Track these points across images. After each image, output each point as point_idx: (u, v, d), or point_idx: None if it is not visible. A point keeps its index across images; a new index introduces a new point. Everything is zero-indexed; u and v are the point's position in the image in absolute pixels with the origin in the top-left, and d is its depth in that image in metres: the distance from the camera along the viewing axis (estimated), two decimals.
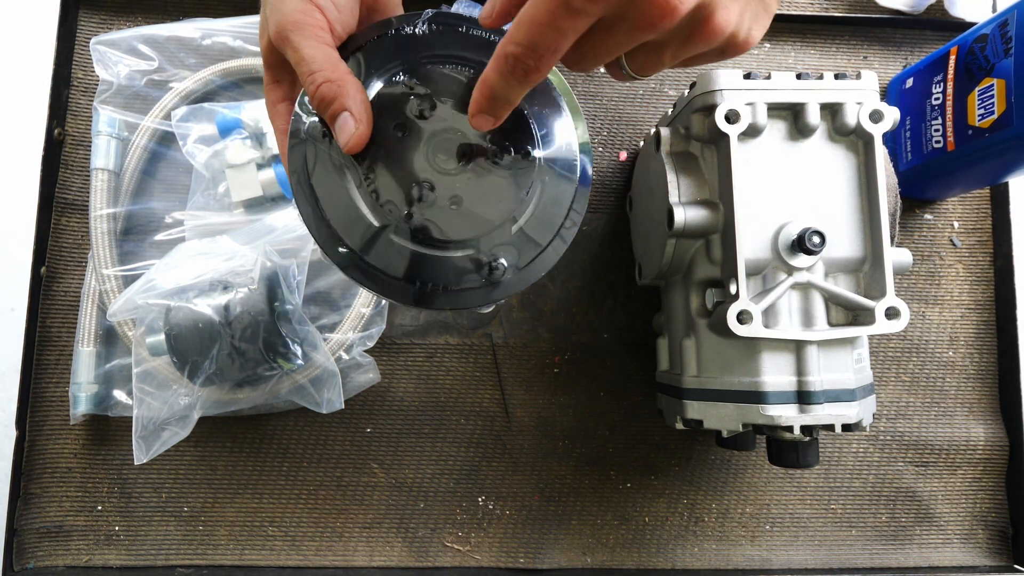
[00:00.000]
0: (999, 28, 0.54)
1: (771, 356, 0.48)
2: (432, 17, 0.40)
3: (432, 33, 0.40)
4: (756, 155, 0.49)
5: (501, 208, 0.39)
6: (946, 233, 0.67)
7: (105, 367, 0.59)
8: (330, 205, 0.37)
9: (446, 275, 0.38)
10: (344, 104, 0.35)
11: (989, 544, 0.64)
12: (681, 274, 0.54)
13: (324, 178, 0.37)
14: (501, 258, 0.39)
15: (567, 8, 0.28)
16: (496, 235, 0.39)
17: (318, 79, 0.35)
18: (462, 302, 0.39)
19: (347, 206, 0.37)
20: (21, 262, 0.61)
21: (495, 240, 0.39)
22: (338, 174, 0.37)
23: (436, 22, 0.40)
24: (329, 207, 0.37)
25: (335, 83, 0.35)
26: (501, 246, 0.39)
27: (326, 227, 0.38)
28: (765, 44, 0.68)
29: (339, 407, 0.58)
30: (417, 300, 0.39)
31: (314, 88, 0.35)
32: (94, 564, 0.59)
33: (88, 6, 0.65)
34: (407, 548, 0.61)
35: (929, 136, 0.60)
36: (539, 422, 0.63)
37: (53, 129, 0.62)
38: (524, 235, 0.39)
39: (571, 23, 0.29)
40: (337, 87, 0.35)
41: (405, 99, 0.38)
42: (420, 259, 0.38)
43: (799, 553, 0.62)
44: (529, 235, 0.39)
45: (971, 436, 0.64)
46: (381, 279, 0.38)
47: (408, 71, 0.39)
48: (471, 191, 0.39)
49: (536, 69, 0.31)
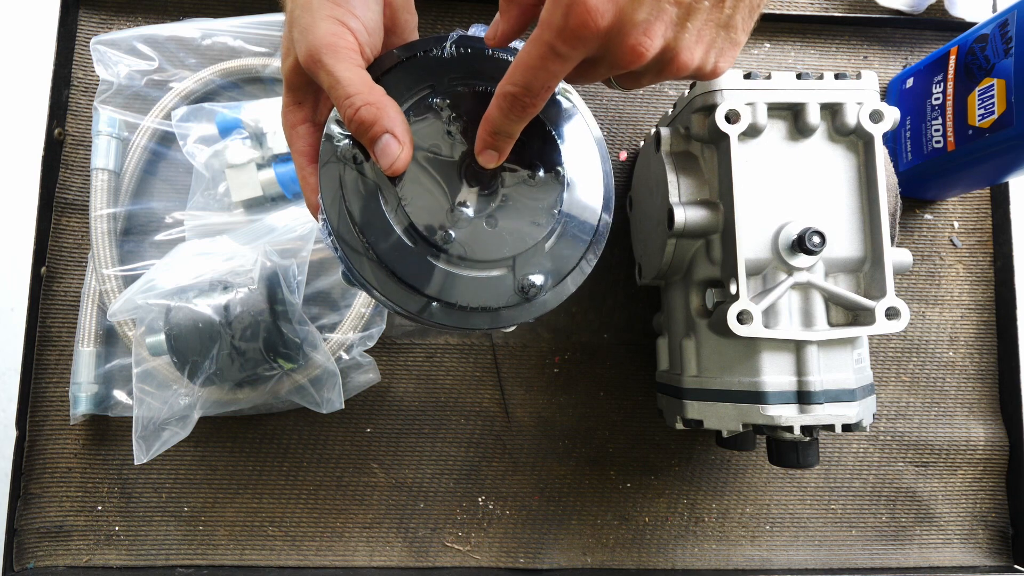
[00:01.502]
0: (999, 28, 0.54)
1: (771, 356, 0.48)
2: (458, 40, 0.41)
3: (459, 56, 0.40)
4: (756, 155, 0.49)
5: (534, 226, 0.39)
6: (946, 233, 0.67)
7: (105, 367, 0.59)
8: (364, 222, 0.37)
9: (484, 295, 0.38)
10: (385, 126, 0.36)
11: (989, 544, 0.64)
12: (681, 274, 0.54)
13: (358, 201, 0.37)
14: (536, 276, 0.39)
15: (554, 54, 0.32)
16: (531, 253, 0.39)
17: (356, 102, 0.35)
18: (500, 321, 0.39)
19: (384, 228, 0.37)
20: (21, 262, 0.61)
21: (529, 258, 0.39)
22: (372, 198, 0.37)
23: (462, 45, 0.41)
24: (362, 223, 0.37)
25: (374, 106, 0.35)
26: (535, 264, 0.39)
27: (358, 243, 0.37)
28: (765, 44, 0.68)
29: (339, 407, 0.58)
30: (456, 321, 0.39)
31: (353, 111, 0.35)
32: (94, 564, 0.59)
33: (88, 6, 0.65)
34: (407, 548, 0.61)
35: (929, 136, 0.60)
36: (539, 422, 0.63)
37: (53, 129, 0.62)
38: (556, 252, 0.40)
39: (559, 66, 0.33)
40: (376, 110, 0.35)
41: (438, 121, 0.39)
42: (454, 279, 0.38)
43: (799, 553, 0.62)
44: (561, 252, 0.40)
45: (971, 436, 0.64)
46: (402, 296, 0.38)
47: (440, 93, 0.39)
48: (505, 210, 0.39)
49: (532, 105, 0.35)
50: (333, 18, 0.37)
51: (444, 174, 0.38)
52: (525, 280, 0.39)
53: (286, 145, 0.58)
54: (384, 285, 0.37)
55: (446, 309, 0.38)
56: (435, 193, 0.38)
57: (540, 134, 0.40)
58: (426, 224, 0.37)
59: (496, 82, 0.36)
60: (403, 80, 0.39)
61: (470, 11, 0.66)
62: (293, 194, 0.59)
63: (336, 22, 0.37)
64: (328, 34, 0.36)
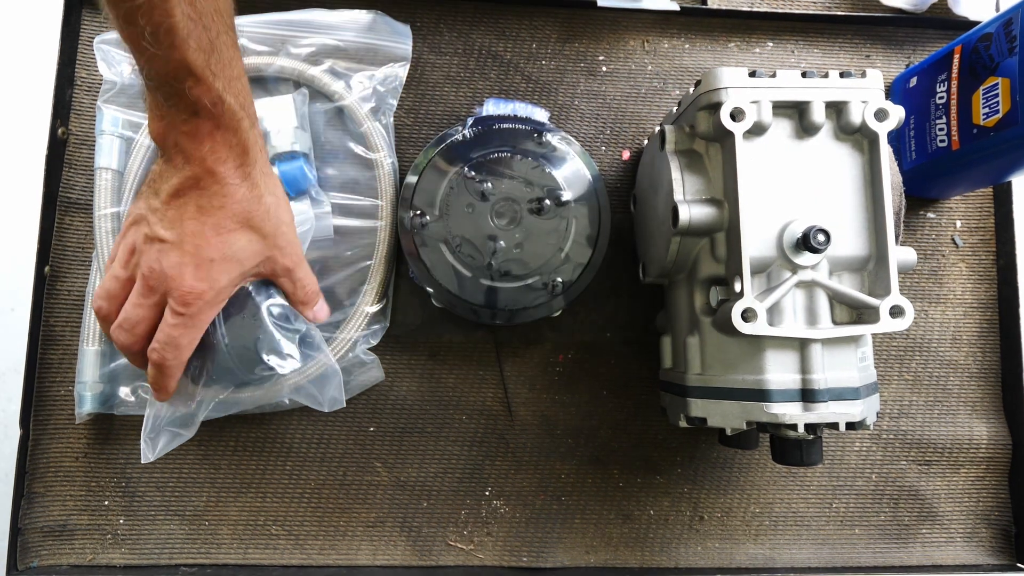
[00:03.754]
0: (1003, 27, 0.54)
1: (775, 354, 0.48)
2: (473, 123, 0.58)
3: (476, 135, 0.58)
4: (761, 153, 0.49)
5: (550, 243, 0.57)
6: (949, 232, 0.67)
7: (110, 366, 0.59)
8: (435, 267, 0.57)
9: (522, 299, 0.57)
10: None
11: (992, 543, 0.64)
12: (685, 272, 0.54)
13: (427, 252, 0.57)
14: (558, 278, 0.57)
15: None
16: (552, 262, 0.57)
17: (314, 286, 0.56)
18: (537, 315, 0.58)
19: (445, 264, 0.57)
20: (24, 262, 0.61)
21: (552, 265, 0.57)
22: (435, 248, 0.57)
23: (476, 125, 0.58)
24: (434, 268, 0.57)
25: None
26: (557, 269, 0.57)
27: (435, 283, 0.57)
28: (768, 43, 0.68)
29: (341, 405, 0.58)
30: (506, 319, 0.58)
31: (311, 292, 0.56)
32: (98, 563, 0.59)
33: (91, 5, 0.65)
34: (410, 547, 0.61)
35: (933, 135, 0.60)
36: (542, 420, 0.63)
37: (57, 128, 0.62)
38: (570, 257, 0.57)
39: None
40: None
41: (471, 184, 0.57)
42: (498, 292, 0.57)
43: (802, 552, 0.62)
44: (573, 256, 0.57)
45: (974, 435, 0.64)
46: (473, 309, 0.58)
47: (470, 166, 0.57)
48: (528, 237, 0.57)
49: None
50: None
51: (480, 220, 0.57)
52: (553, 281, 0.57)
53: (288, 143, 0.59)
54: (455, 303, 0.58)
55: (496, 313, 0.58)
56: (476, 235, 0.57)
57: (543, 179, 0.57)
58: (471, 257, 0.57)
59: (505, 148, 0.57)
60: (444, 159, 0.57)
61: (472, 11, 0.66)
62: (296, 192, 0.59)
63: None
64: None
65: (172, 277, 0.47)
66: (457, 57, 0.66)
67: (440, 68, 0.66)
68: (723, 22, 0.68)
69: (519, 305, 0.57)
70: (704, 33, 0.68)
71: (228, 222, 0.48)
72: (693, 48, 0.68)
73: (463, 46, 0.66)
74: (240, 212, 0.48)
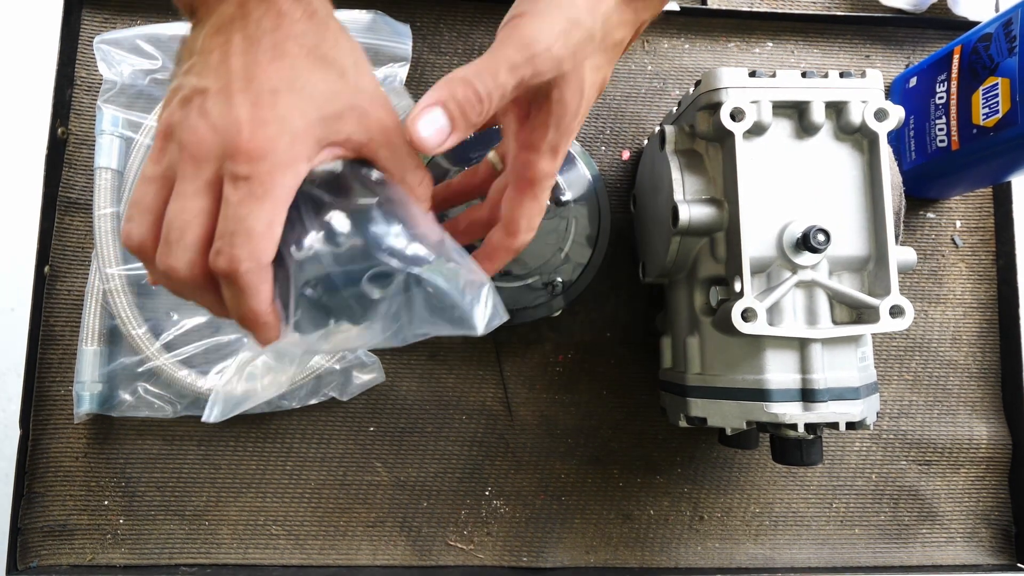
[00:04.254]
0: (1003, 27, 0.54)
1: (775, 354, 0.48)
2: None
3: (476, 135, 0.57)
4: (761, 153, 0.49)
5: (550, 243, 0.58)
6: (949, 232, 0.67)
7: (109, 366, 0.59)
8: None
9: (522, 299, 0.58)
10: None
11: (992, 542, 0.64)
12: (685, 272, 0.54)
13: None
14: (558, 278, 0.58)
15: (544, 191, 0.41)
16: (552, 262, 0.58)
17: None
18: (537, 314, 0.58)
19: None
20: (24, 261, 0.61)
21: (551, 265, 0.58)
22: None
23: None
24: None
25: None
26: (557, 269, 0.58)
27: None
28: (767, 43, 0.68)
29: (505, 318, 0.39)
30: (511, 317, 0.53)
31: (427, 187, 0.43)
32: (98, 563, 0.59)
33: (91, 5, 0.65)
34: (410, 547, 0.61)
35: (933, 135, 0.60)
36: (542, 420, 0.63)
37: (56, 128, 0.62)
38: (569, 257, 0.58)
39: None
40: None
41: None
42: (503, 291, 0.57)
43: (802, 552, 0.62)
44: (573, 256, 0.58)
45: (974, 435, 0.64)
46: None
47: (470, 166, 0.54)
48: None
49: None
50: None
51: None
52: (553, 281, 0.58)
53: None
54: None
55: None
56: None
57: None
58: None
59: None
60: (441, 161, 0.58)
61: (472, 11, 0.66)
62: None
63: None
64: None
65: (223, 129, 0.32)
66: (457, 57, 0.66)
67: (440, 68, 0.66)
68: (723, 22, 0.68)
69: (519, 305, 0.58)
70: (704, 33, 0.68)
71: (289, 45, 0.34)
72: (693, 48, 0.68)
73: (463, 46, 0.66)
74: (301, 34, 0.34)
